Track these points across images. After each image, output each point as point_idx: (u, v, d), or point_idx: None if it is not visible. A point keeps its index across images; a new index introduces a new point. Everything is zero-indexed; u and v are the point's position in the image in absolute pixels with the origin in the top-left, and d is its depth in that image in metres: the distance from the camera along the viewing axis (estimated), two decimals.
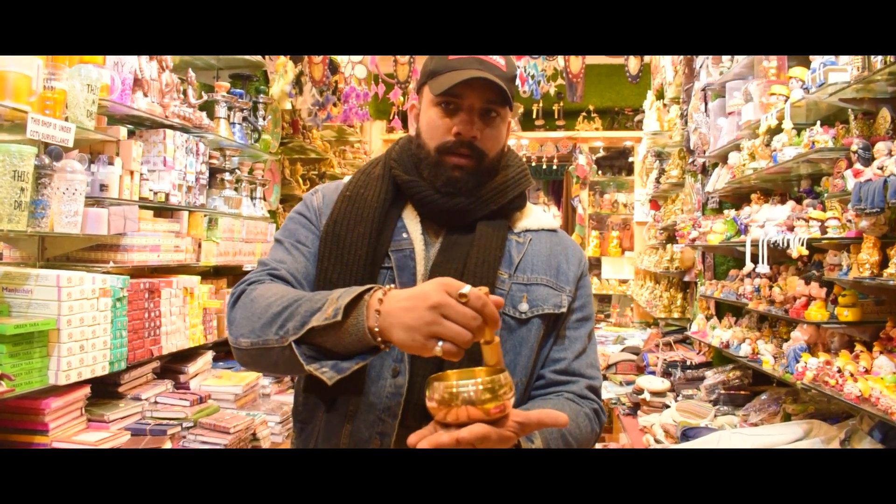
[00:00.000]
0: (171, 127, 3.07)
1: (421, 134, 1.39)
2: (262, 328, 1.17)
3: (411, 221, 1.39)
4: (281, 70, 4.17)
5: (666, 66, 4.92)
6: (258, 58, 3.90)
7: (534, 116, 7.57)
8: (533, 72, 4.81)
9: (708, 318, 3.89)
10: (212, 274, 3.66)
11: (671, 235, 5.11)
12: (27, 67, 2.21)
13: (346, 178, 1.47)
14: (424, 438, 1.03)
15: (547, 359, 1.40)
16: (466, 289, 1.02)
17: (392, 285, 1.13)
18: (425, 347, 1.01)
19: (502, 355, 1.08)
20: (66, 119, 2.36)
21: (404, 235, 1.38)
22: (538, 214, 1.49)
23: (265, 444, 3.14)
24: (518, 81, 4.83)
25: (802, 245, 2.46)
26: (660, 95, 5.34)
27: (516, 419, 1.06)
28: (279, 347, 1.14)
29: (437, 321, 1.01)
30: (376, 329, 1.06)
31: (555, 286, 1.40)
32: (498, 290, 1.35)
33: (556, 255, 1.44)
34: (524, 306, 1.36)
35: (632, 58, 4.61)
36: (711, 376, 3.55)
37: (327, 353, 1.11)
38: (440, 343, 1.00)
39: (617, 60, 4.95)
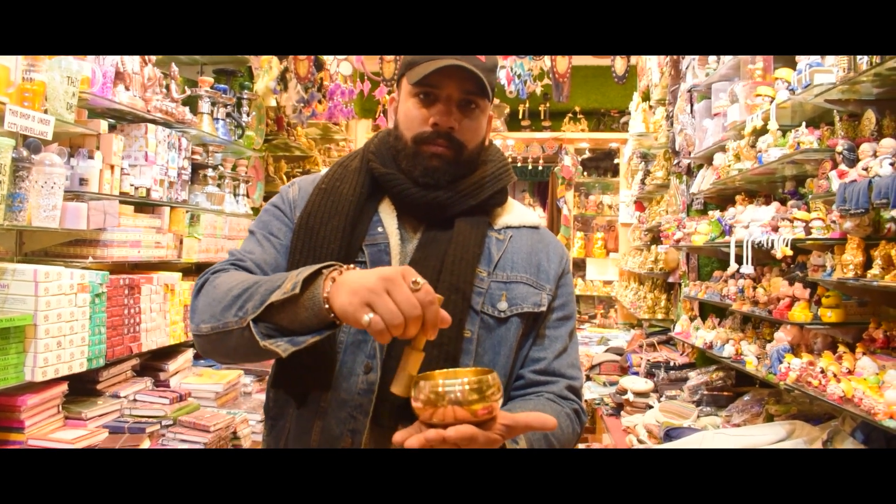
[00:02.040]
0: (153, 121, 3.04)
1: (399, 125, 1.37)
2: (222, 311, 1.16)
3: (387, 216, 1.37)
4: (266, 66, 4.13)
5: (652, 68, 4.93)
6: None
7: (520, 117, 7.57)
8: (519, 71, 4.80)
9: (692, 319, 3.90)
10: (193, 271, 3.62)
11: (656, 237, 5.12)
12: (5, 58, 2.17)
13: (325, 171, 1.44)
14: (411, 437, 1.01)
15: (527, 358, 1.38)
16: (423, 281, 1.00)
17: (353, 265, 1.11)
18: (357, 312, 0.99)
19: (416, 372, 1.05)
20: (46, 111, 2.32)
21: (379, 230, 1.36)
22: (520, 211, 1.47)
23: (246, 443, 3.11)
24: (504, 81, 4.83)
25: (787, 246, 2.47)
26: (646, 97, 5.35)
27: (504, 421, 1.04)
28: (238, 329, 1.12)
29: (378, 292, 0.99)
30: (326, 296, 1.04)
31: (535, 284, 1.39)
32: (477, 289, 1.32)
33: (536, 253, 1.42)
34: (503, 305, 1.34)
35: (618, 59, 4.61)
36: (695, 377, 3.56)
37: (285, 330, 1.09)
38: (370, 315, 0.98)
39: (603, 62, 4.95)
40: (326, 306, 1.04)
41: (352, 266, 1.10)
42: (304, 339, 1.06)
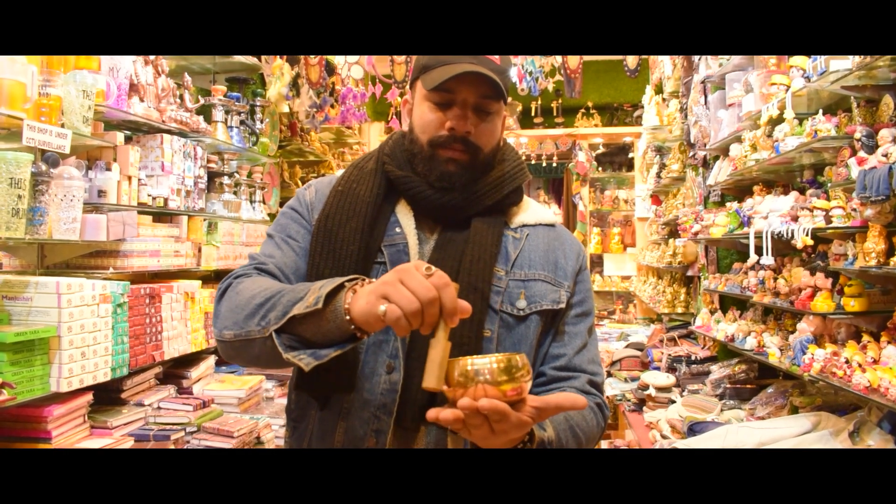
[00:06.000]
0: (169, 131, 3.06)
1: (414, 129, 1.37)
2: (245, 319, 1.16)
3: (405, 216, 1.38)
4: (277, 72, 4.15)
5: (664, 61, 4.90)
6: (254, 61, 3.88)
7: (532, 114, 7.55)
8: (531, 68, 4.79)
9: (712, 312, 3.87)
10: (212, 278, 3.64)
11: (673, 230, 5.09)
12: (22, 74, 2.19)
13: (339, 173, 1.45)
14: (444, 410, 1.00)
15: (547, 355, 1.38)
16: (437, 269, 1.00)
17: (375, 278, 1.12)
18: (373, 307, 0.99)
19: (446, 363, 1.02)
20: (62, 125, 2.34)
21: (397, 230, 1.36)
22: (535, 209, 1.47)
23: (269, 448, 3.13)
24: (516, 79, 4.82)
25: (807, 235, 2.44)
26: (659, 90, 5.32)
27: (534, 404, 1.04)
28: (261, 338, 1.13)
29: (392, 283, 0.99)
30: (347, 307, 1.04)
31: (553, 281, 1.39)
32: (495, 288, 1.33)
33: (553, 250, 1.42)
34: (522, 303, 1.34)
35: None
36: (717, 370, 3.53)
37: (307, 342, 1.09)
38: (385, 305, 0.98)
39: (615, 56, 4.93)
40: (347, 318, 1.04)
41: (373, 280, 1.09)
42: (327, 353, 1.06)
